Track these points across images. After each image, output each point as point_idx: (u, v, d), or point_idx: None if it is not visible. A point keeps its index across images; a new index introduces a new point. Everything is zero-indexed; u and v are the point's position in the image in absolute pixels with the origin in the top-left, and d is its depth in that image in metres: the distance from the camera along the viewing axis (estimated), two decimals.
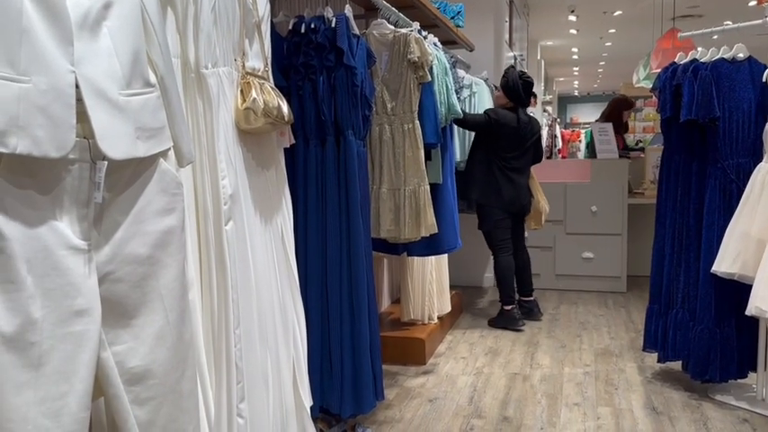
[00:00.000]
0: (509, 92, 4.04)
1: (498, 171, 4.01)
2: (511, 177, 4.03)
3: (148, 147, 1.09)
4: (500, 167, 4.01)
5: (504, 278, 4.12)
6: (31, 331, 0.92)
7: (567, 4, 8.56)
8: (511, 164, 4.04)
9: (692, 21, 8.89)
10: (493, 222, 4.08)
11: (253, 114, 1.63)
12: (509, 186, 4.02)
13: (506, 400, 2.88)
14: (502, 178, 4.01)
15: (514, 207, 4.09)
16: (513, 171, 4.05)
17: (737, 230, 2.60)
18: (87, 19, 0.99)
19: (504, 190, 4.01)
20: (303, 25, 2.33)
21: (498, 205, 4.04)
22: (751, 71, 2.78)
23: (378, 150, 2.79)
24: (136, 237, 1.08)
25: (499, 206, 4.04)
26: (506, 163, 4.02)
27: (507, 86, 4.04)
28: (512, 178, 4.03)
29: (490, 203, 4.04)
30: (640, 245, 5.18)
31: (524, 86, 4.04)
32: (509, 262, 4.13)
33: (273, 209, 1.86)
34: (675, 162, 2.94)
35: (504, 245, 4.12)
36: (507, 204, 4.04)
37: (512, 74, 4.07)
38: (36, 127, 0.90)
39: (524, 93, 4.05)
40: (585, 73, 16.10)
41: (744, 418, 2.63)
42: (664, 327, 2.97)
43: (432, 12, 3.49)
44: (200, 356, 1.49)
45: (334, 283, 2.37)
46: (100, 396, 1.11)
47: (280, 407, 1.78)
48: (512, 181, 4.03)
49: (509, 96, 4.04)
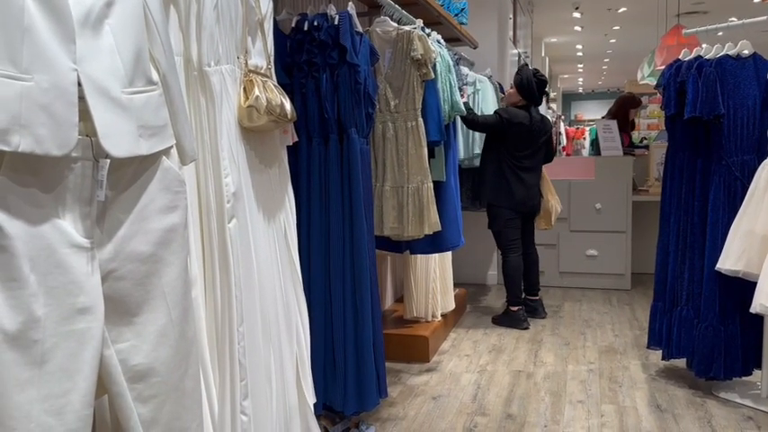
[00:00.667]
0: (523, 90, 4.02)
1: (509, 171, 4.00)
2: (521, 177, 4.02)
3: (151, 145, 1.09)
4: (511, 167, 4.00)
5: (512, 278, 4.11)
6: (33, 329, 0.92)
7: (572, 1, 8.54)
8: (522, 163, 4.03)
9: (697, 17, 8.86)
10: (503, 222, 4.07)
11: (256, 112, 1.63)
12: (520, 186, 4.01)
13: (510, 398, 2.88)
14: (513, 178, 4.00)
15: (525, 207, 4.09)
16: (524, 171, 4.03)
17: (742, 228, 2.59)
18: (89, 17, 0.99)
19: (514, 190, 4.00)
20: (306, 23, 2.33)
21: (509, 205, 4.03)
22: (756, 68, 2.77)
23: (381, 148, 2.79)
24: (138, 234, 1.08)
25: (510, 206, 4.03)
26: (518, 162, 4.01)
27: (521, 84, 4.02)
28: (522, 178, 4.02)
29: (500, 203, 4.04)
30: (645, 242, 5.17)
31: (538, 85, 4.03)
32: (518, 262, 4.13)
33: (276, 206, 1.86)
34: (680, 159, 2.93)
35: (513, 245, 4.11)
36: (518, 204, 4.04)
37: (526, 72, 4.07)
38: (38, 125, 0.90)
39: (538, 91, 4.04)
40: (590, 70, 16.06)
41: (748, 416, 2.62)
42: (668, 324, 2.96)
43: (435, 9, 3.48)
44: (203, 354, 1.49)
45: (338, 281, 2.37)
46: (103, 394, 1.11)
47: (283, 404, 1.78)
48: (522, 181, 4.02)
49: (522, 94, 4.03)
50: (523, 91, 4.02)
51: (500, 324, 4.13)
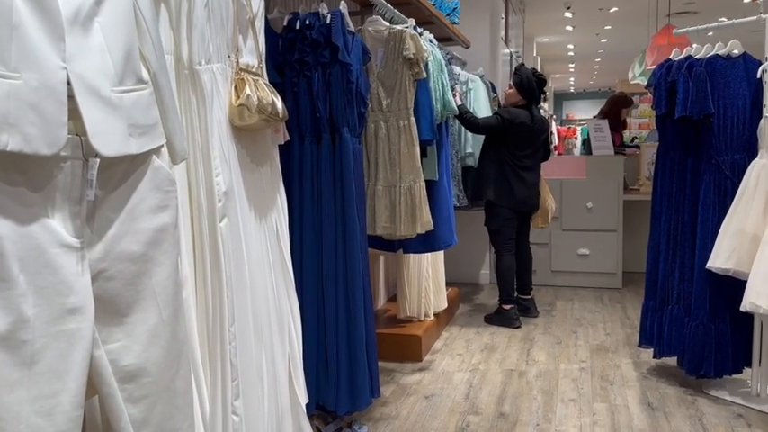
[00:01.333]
0: (524, 89, 4.03)
1: (510, 170, 4.01)
2: (523, 176, 4.03)
3: (141, 144, 1.08)
4: (512, 167, 4.01)
5: (506, 277, 4.12)
6: (23, 329, 0.92)
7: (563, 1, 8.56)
8: (523, 162, 4.04)
9: (688, 17, 8.90)
10: (502, 221, 4.08)
11: (247, 111, 1.62)
12: (521, 186, 4.03)
13: (502, 397, 2.88)
14: (514, 178, 4.01)
15: (526, 207, 4.11)
16: (525, 170, 4.05)
17: (732, 226, 2.60)
18: (79, 15, 0.98)
19: (516, 190, 4.02)
20: (298, 22, 2.32)
21: (510, 205, 4.05)
22: (746, 67, 2.79)
23: (373, 147, 2.79)
24: (129, 234, 1.07)
25: (510, 206, 4.05)
26: (519, 162, 4.02)
27: (522, 84, 4.03)
28: (524, 177, 4.03)
29: (502, 203, 4.05)
30: (636, 241, 5.20)
31: (538, 84, 4.05)
32: (512, 261, 4.14)
33: (268, 206, 1.85)
34: (671, 159, 2.94)
35: (509, 244, 4.13)
36: (519, 204, 4.06)
37: (525, 71, 4.07)
38: (27, 124, 0.90)
39: (538, 90, 4.06)
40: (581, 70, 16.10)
41: (738, 413, 2.64)
42: (659, 323, 2.97)
43: (427, 8, 3.48)
44: (194, 354, 1.49)
45: (330, 280, 2.36)
46: (93, 394, 1.10)
47: (275, 404, 1.78)
48: (524, 180, 4.04)
49: (523, 94, 4.04)
50: (524, 90, 4.03)
51: (492, 323, 4.13)
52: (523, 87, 4.02)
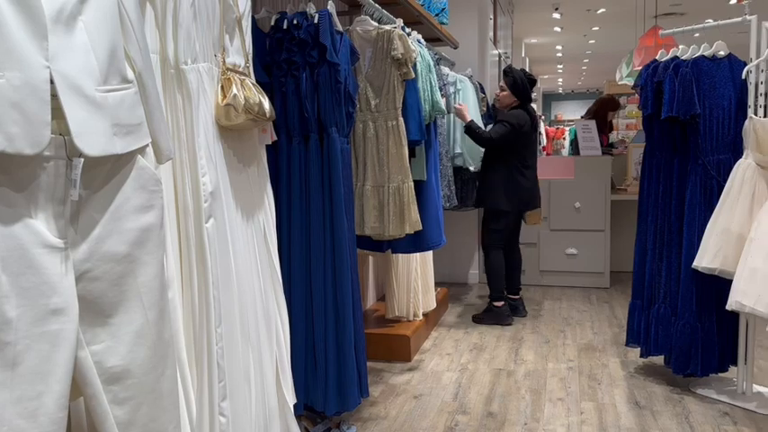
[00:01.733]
0: (517, 90, 4.06)
1: (517, 172, 4.05)
2: (526, 175, 4.08)
3: (126, 143, 1.07)
4: (518, 167, 4.05)
5: (496, 274, 4.14)
6: (5, 331, 0.91)
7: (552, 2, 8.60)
8: (527, 161, 4.10)
9: (674, 19, 8.97)
10: (505, 223, 4.11)
11: (233, 110, 1.61)
12: (526, 184, 4.07)
13: (491, 396, 2.89)
14: (521, 179, 4.05)
15: (528, 207, 4.16)
16: (528, 168, 4.11)
17: (718, 226, 2.62)
18: (62, 13, 0.97)
19: (521, 189, 4.06)
20: (285, 21, 2.31)
21: (515, 207, 4.08)
22: (731, 68, 2.81)
23: (362, 147, 2.79)
24: (113, 234, 1.06)
25: (514, 207, 4.08)
26: (524, 162, 4.08)
27: (515, 85, 4.06)
28: (527, 176, 4.09)
29: (513, 209, 4.08)
30: (623, 241, 5.23)
31: (530, 83, 4.11)
32: (501, 258, 4.16)
33: (255, 206, 1.85)
34: (657, 159, 2.96)
35: (501, 243, 4.16)
36: (521, 203, 4.11)
37: (517, 72, 4.10)
38: (10, 123, 0.89)
39: (530, 89, 4.12)
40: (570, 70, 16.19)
41: (725, 412, 2.66)
42: (646, 322, 2.99)
43: (415, 8, 3.49)
44: (181, 355, 1.48)
45: (319, 281, 2.36)
46: (78, 396, 1.09)
47: (263, 405, 1.77)
48: (527, 179, 4.09)
49: (517, 95, 4.06)
50: (518, 91, 4.06)
51: (484, 321, 4.14)
52: (517, 88, 4.05)
